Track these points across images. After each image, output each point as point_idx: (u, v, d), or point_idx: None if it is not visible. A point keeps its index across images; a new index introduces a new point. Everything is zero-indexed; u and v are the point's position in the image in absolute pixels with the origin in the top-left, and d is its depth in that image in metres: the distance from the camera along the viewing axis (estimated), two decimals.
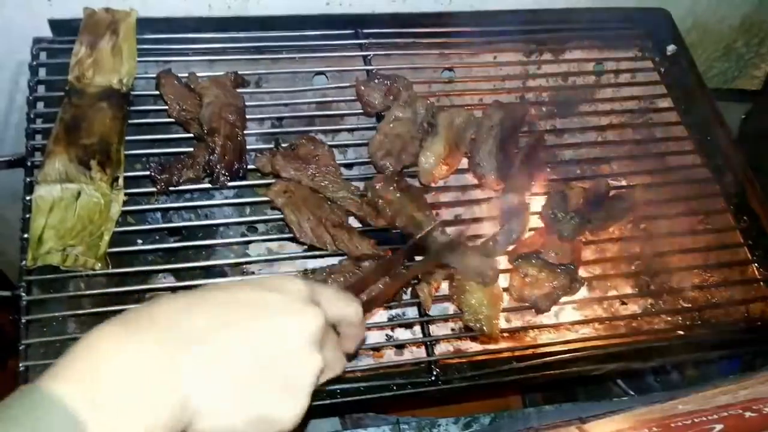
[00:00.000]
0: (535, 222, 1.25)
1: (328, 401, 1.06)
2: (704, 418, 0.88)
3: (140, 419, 0.50)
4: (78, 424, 0.47)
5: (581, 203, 1.19)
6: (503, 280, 1.18)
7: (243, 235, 1.35)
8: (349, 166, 1.35)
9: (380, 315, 1.26)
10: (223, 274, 1.26)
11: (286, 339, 0.58)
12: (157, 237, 1.26)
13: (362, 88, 1.26)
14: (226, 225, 1.34)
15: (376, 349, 1.26)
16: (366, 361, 1.21)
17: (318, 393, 1.02)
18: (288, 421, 0.58)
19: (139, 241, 1.24)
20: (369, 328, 1.25)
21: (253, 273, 1.30)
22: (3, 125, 1.50)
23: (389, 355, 1.26)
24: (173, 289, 1.13)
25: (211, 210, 1.32)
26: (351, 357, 0.75)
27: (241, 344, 0.56)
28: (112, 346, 0.52)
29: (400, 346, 1.27)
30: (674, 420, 0.89)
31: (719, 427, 0.87)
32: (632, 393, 1.43)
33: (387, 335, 1.29)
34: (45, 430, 0.46)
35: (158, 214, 1.30)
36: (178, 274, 1.21)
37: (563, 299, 1.19)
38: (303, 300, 0.61)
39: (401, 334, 1.30)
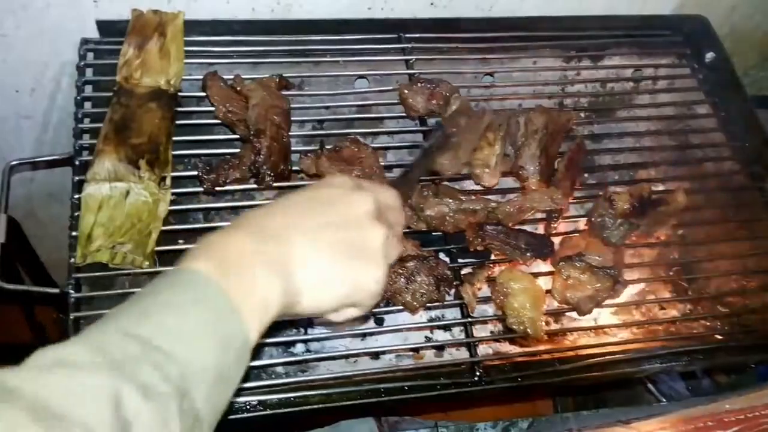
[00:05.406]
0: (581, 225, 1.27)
1: (373, 400, 1.07)
2: (757, 413, 0.88)
3: (262, 288, 0.61)
4: (214, 286, 0.58)
5: (628, 209, 1.20)
6: (545, 282, 1.19)
7: None
8: (389, 168, 1.36)
9: (420, 316, 1.26)
10: None
11: (355, 215, 0.70)
12: (199, 237, 1.27)
13: (406, 91, 1.26)
14: None
15: (416, 350, 1.26)
16: (407, 362, 1.21)
17: (364, 393, 1.05)
18: (375, 284, 0.69)
19: (180, 241, 1.24)
20: (409, 329, 1.27)
21: None
22: (43, 126, 1.51)
23: (429, 356, 1.27)
24: None
25: None
26: None
27: (327, 226, 0.68)
28: (231, 238, 0.63)
29: (441, 348, 1.27)
30: (727, 415, 0.89)
31: None
32: (664, 400, 1.43)
33: (426, 337, 1.30)
34: (186, 285, 0.58)
35: (200, 215, 1.31)
36: None
37: (603, 302, 1.19)
38: (352, 187, 0.73)
39: (439, 335, 1.30)
